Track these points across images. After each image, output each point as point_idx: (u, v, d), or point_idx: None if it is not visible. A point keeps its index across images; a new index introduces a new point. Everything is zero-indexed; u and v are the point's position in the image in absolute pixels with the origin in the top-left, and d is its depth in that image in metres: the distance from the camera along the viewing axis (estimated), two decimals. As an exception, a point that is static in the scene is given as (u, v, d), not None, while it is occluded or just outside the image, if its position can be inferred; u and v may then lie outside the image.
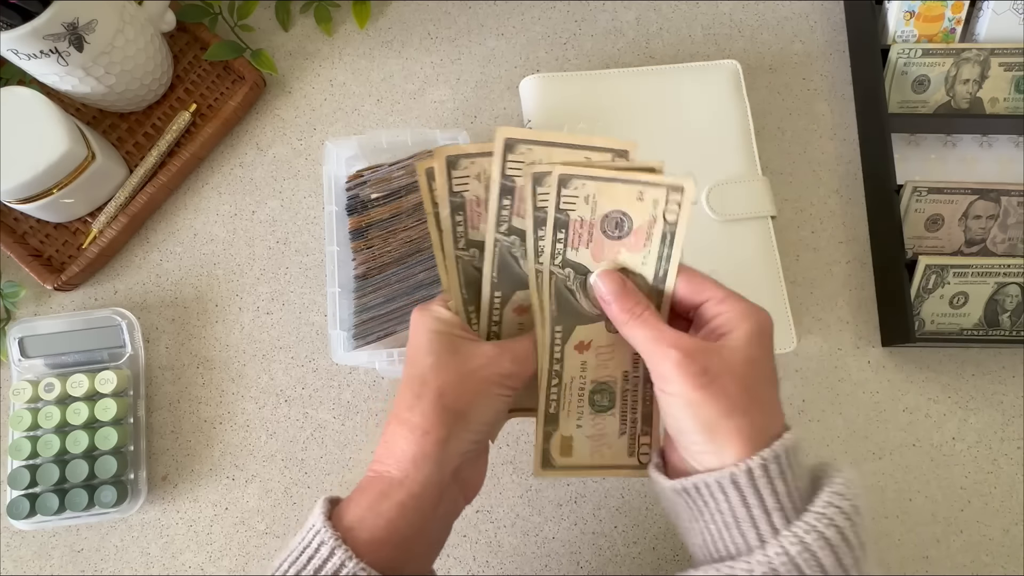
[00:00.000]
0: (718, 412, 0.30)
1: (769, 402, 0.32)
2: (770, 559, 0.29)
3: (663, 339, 0.32)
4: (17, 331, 0.52)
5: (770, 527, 0.29)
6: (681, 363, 0.31)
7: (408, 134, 0.51)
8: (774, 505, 0.30)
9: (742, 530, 0.30)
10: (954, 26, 0.58)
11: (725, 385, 0.30)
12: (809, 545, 0.28)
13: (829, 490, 0.30)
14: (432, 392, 0.33)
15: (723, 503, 0.30)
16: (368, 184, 0.51)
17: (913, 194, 0.54)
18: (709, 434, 0.31)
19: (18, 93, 0.49)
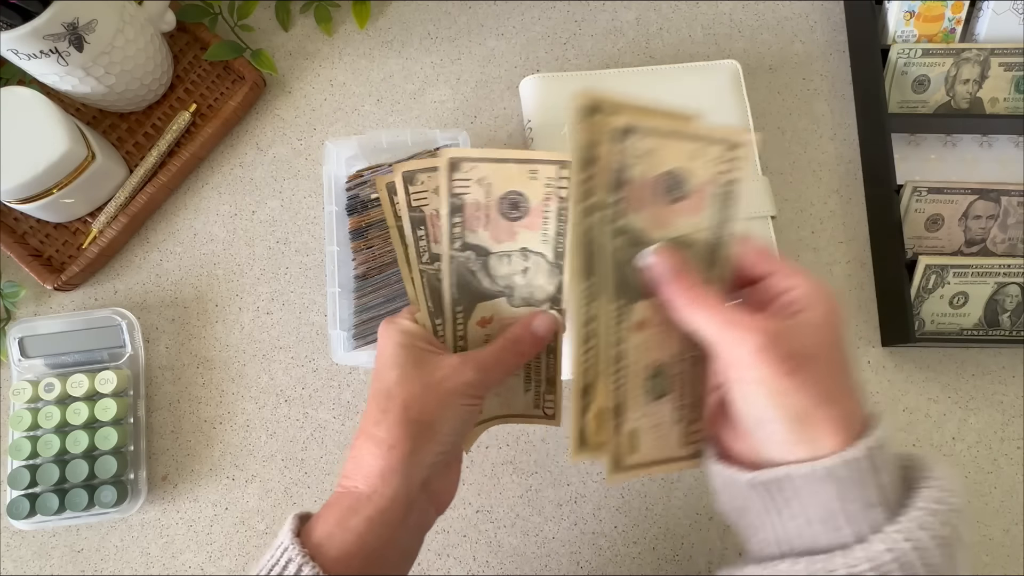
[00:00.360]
0: (810, 401, 0.27)
1: (855, 387, 0.29)
2: (877, 555, 0.26)
3: (737, 321, 0.28)
4: (17, 331, 0.52)
5: (869, 523, 0.27)
6: (765, 347, 0.27)
7: (408, 134, 0.51)
8: (878, 499, 0.27)
9: (837, 525, 0.27)
10: (954, 26, 0.58)
11: (816, 370, 0.28)
12: (922, 543, 0.26)
13: (935, 485, 0.28)
14: (397, 406, 0.33)
15: (814, 496, 0.28)
16: (368, 184, 0.51)
17: (913, 194, 0.54)
18: (799, 424, 0.28)
19: (18, 93, 0.49)
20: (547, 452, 0.53)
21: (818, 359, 0.28)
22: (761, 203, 0.54)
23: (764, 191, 0.54)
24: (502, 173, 0.35)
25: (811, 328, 0.29)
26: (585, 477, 0.52)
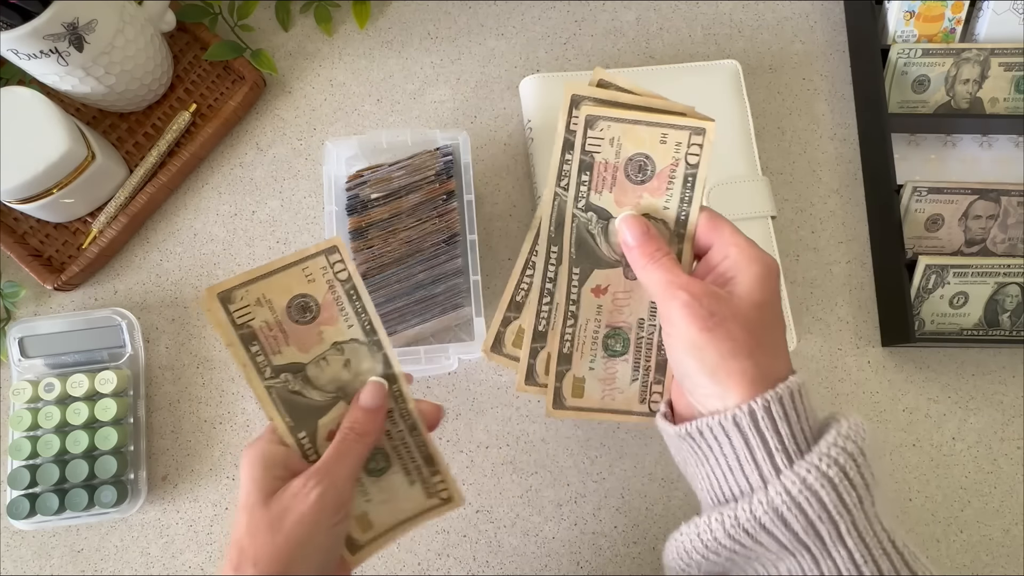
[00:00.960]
0: (722, 354, 0.31)
1: (775, 345, 0.33)
2: (771, 498, 0.29)
3: (675, 282, 0.33)
4: (17, 331, 0.52)
5: (772, 468, 0.29)
6: (688, 304, 0.31)
7: (408, 134, 0.51)
8: (777, 446, 0.30)
9: (745, 472, 0.30)
10: (954, 26, 0.58)
11: (730, 328, 0.31)
12: (811, 484, 0.28)
13: (834, 432, 0.30)
14: (248, 562, 0.31)
15: (727, 445, 0.31)
16: (368, 184, 0.51)
17: (913, 194, 0.54)
18: (712, 376, 0.31)
19: (18, 93, 0.49)
20: (547, 452, 0.53)
21: (736, 317, 0.31)
22: (761, 203, 0.54)
23: (764, 191, 0.54)
24: (633, 134, 0.35)
25: (736, 292, 0.32)
26: (585, 477, 0.52)
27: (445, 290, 0.50)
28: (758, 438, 0.30)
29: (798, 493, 0.28)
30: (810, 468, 0.29)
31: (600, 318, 0.37)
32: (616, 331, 0.37)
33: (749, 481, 0.30)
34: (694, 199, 0.36)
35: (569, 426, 0.53)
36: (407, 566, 0.51)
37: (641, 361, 0.38)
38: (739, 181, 0.54)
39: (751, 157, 0.55)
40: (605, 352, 0.37)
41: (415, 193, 0.50)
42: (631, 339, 0.37)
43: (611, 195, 0.36)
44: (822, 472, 0.28)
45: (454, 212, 0.50)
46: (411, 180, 0.51)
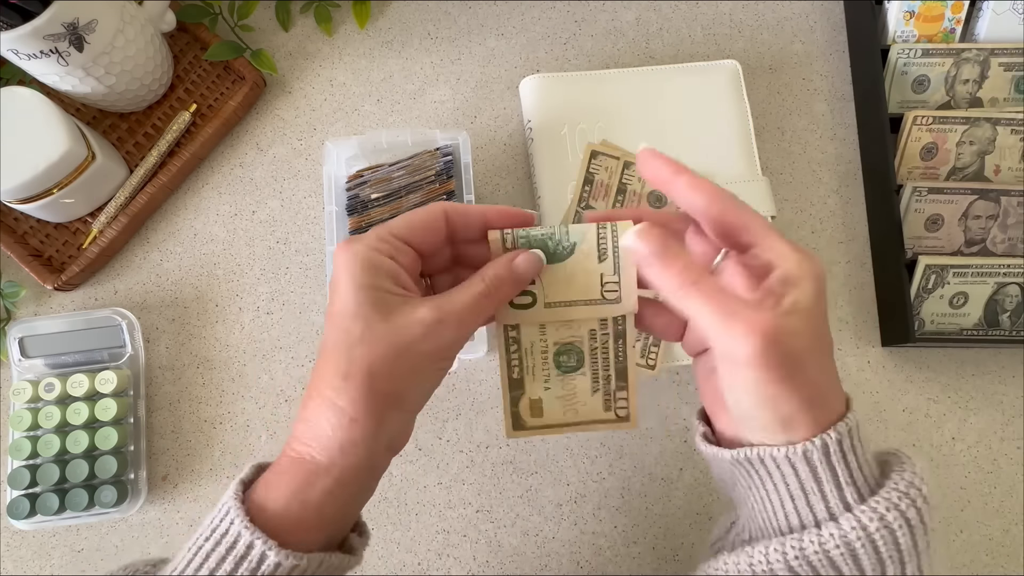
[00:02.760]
0: (800, 406, 0.28)
1: (835, 378, 0.29)
2: (844, 533, 0.27)
3: (736, 317, 0.27)
4: (17, 331, 0.52)
5: (841, 501, 0.28)
6: (763, 352, 0.26)
7: (408, 134, 0.51)
8: (847, 480, 0.28)
9: (810, 503, 0.28)
10: (954, 26, 0.58)
11: (806, 372, 0.27)
12: (889, 523, 0.27)
13: (909, 471, 0.28)
14: (361, 373, 0.28)
15: (790, 476, 0.29)
16: (368, 184, 0.51)
17: (913, 194, 0.54)
18: (783, 425, 0.28)
19: (18, 93, 0.49)
20: (547, 452, 0.53)
21: (809, 359, 0.28)
22: (761, 203, 0.54)
23: (764, 191, 0.54)
24: None
25: (799, 317, 0.28)
26: (585, 477, 0.52)
27: None
28: (828, 472, 0.28)
29: (876, 530, 0.27)
30: (889, 506, 0.27)
31: (545, 338, 0.35)
32: (567, 347, 0.35)
33: (814, 512, 0.28)
34: None
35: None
36: (407, 566, 0.51)
37: (599, 371, 0.36)
38: (739, 181, 0.54)
39: (751, 157, 0.55)
40: (559, 370, 0.35)
41: (415, 193, 0.51)
42: (585, 352, 0.35)
43: None
44: (901, 512, 0.27)
45: None
46: (411, 180, 0.51)
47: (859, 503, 0.28)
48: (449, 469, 0.53)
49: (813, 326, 0.28)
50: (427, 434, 0.53)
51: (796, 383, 0.27)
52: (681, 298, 0.29)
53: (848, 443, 0.28)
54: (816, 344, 0.28)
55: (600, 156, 0.54)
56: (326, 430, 0.29)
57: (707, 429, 0.33)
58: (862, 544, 0.27)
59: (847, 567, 0.27)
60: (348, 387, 0.28)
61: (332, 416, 0.29)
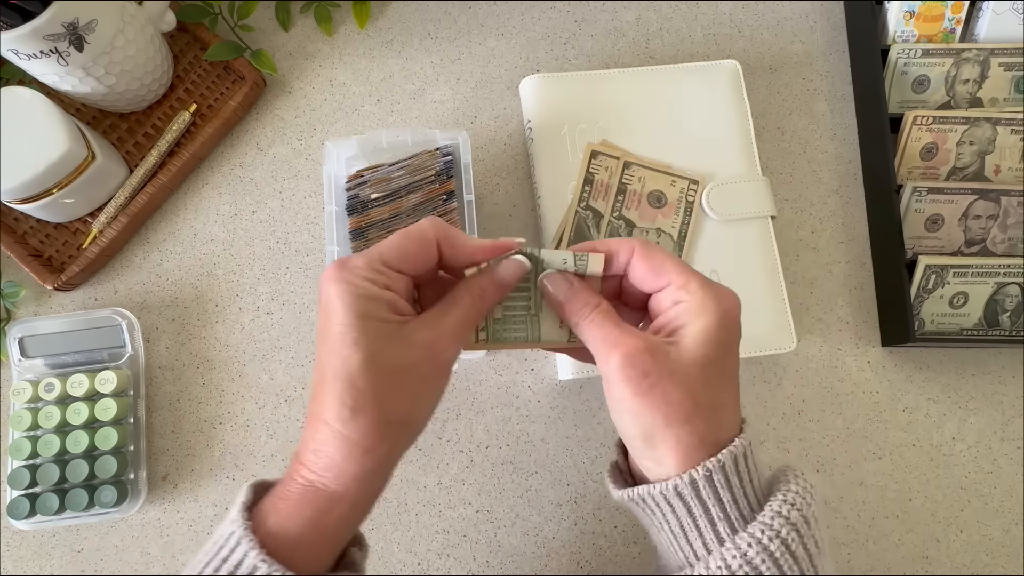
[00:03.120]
0: (656, 420, 0.29)
1: (718, 406, 0.30)
2: (711, 571, 0.28)
3: (608, 339, 0.30)
4: (17, 331, 0.52)
5: (715, 538, 0.29)
6: (622, 366, 0.29)
7: (408, 134, 0.51)
8: (719, 515, 0.29)
9: (689, 540, 0.29)
10: (954, 26, 0.58)
11: (666, 391, 0.29)
12: (751, 559, 0.27)
13: (778, 500, 0.29)
14: (369, 405, 0.28)
15: (669, 513, 0.30)
16: (368, 184, 0.51)
17: (913, 194, 0.54)
18: (648, 442, 0.29)
19: (18, 93, 0.48)
20: (547, 452, 0.53)
21: (673, 377, 0.29)
22: (761, 203, 0.54)
23: (764, 191, 0.54)
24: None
25: (678, 347, 0.29)
26: (585, 477, 0.52)
27: None
28: (700, 508, 0.29)
29: (738, 568, 0.27)
30: (751, 542, 0.28)
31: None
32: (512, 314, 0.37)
33: (694, 550, 0.29)
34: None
35: (569, 426, 0.53)
36: (407, 566, 0.51)
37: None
38: (739, 181, 0.54)
39: (751, 157, 0.55)
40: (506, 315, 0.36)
41: (415, 193, 0.51)
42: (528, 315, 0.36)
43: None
44: (763, 546, 0.27)
45: (454, 212, 0.50)
46: (411, 180, 0.51)
47: (730, 539, 0.28)
48: (449, 469, 0.53)
49: (691, 358, 0.29)
50: (427, 434, 0.53)
51: (653, 399, 0.29)
52: (579, 330, 0.32)
53: (721, 478, 0.29)
54: (692, 372, 0.29)
55: (600, 156, 0.54)
56: (338, 461, 0.28)
57: (622, 459, 0.35)
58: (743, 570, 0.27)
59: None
60: (357, 420, 0.28)
61: (344, 447, 0.28)
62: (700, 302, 0.30)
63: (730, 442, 0.29)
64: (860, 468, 0.53)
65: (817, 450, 0.53)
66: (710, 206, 0.53)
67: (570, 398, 0.54)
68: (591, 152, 0.54)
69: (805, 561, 0.28)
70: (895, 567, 0.52)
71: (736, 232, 0.54)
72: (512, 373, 0.54)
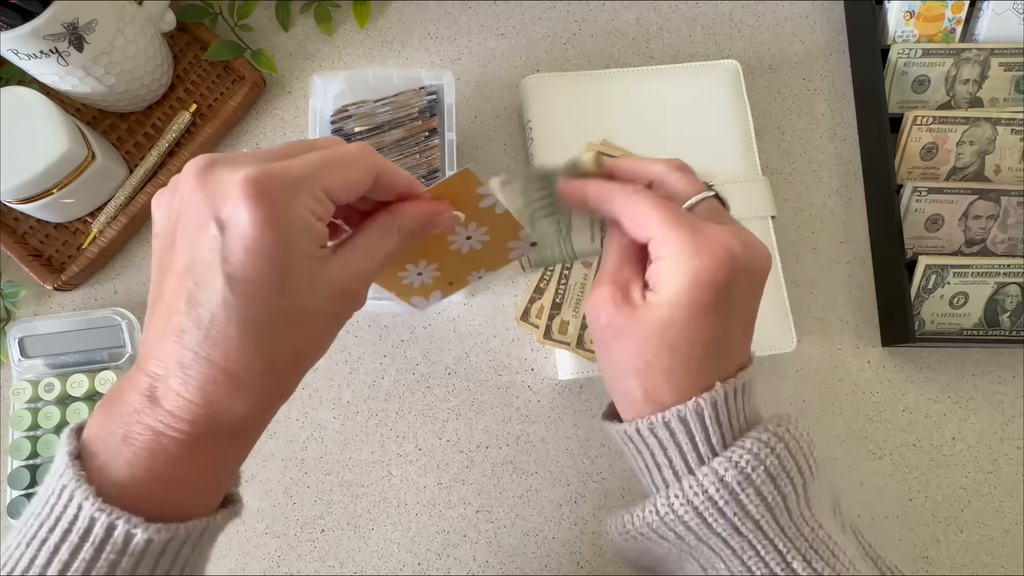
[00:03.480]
0: (610, 371, 0.31)
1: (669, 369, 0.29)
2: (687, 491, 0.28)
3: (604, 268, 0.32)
4: (17, 331, 0.52)
5: (697, 465, 0.29)
6: (588, 312, 0.31)
7: (394, 72, 0.51)
8: (710, 445, 0.29)
9: (675, 469, 0.30)
10: (954, 26, 0.58)
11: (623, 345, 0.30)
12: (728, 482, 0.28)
13: (760, 430, 0.29)
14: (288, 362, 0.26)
15: (658, 444, 0.30)
16: (353, 119, 0.51)
17: (913, 194, 0.54)
18: (608, 386, 0.32)
19: (18, 93, 0.49)
20: (547, 452, 0.53)
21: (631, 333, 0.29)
22: (761, 203, 0.54)
23: (764, 191, 0.54)
24: None
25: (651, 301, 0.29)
26: (585, 477, 0.52)
27: None
28: (690, 438, 0.29)
29: (715, 492, 0.28)
30: (731, 464, 0.28)
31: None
32: None
33: (676, 477, 0.30)
34: None
35: (569, 426, 0.53)
36: (407, 566, 0.51)
37: None
38: (739, 181, 0.54)
39: (751, 157, 0.55)
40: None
41: (398, 129, 0.51)
42: None
43: None
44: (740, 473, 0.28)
45: (435, 149, 0.51)
46: (394, 116, 0.52)
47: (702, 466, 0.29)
48: (449, 469, 0.53)
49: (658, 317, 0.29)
50: (427, 434, 0.53)
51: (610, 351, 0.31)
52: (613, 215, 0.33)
53: (722, 410, 0.29)
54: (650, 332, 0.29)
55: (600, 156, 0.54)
56: (240, 411, 0.25)
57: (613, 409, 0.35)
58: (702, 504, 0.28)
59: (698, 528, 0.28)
60: (272, 375, 0.25)
61: (248, 399, 0.25)
62: (674, 259, 0.29)
63: (683, 401, 0.29)
64: (860, 468, 0.53)
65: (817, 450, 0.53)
66: (710, 206, 0.53)
67: (570, 398, 0.54)
68: None
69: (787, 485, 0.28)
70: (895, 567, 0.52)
71: (736, 232, 0.54)
72: (512, 373, 0.54)
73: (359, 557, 0.51)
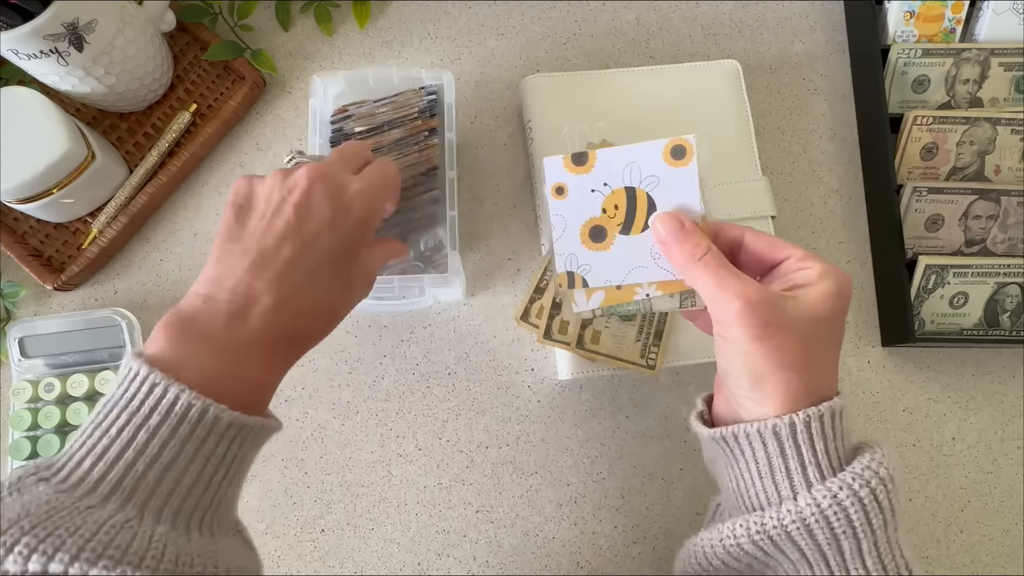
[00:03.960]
0: (770, 365, 0.31)
1: (825, 363, 0.32)
2: (800, 509, 0.29)
3: (726, 285, 0.32)
4: (17, 331, 0.52)
5: (804, 480, 0.30)
6: (742, 312, 0.31)
7: (394, 72, 0.51)
8: (811, 460, 0.30)
9: (776, 480, 0.31)
10: (954, 26, 0.58)
11: (784, 339, 0.30)
12: (841, 500, 0.29)
13: (868, 455, 0.30)
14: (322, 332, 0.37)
15: (760, 451, 0.31)
16: (353, 119, 0.51)
17: (913, 194, 0.54)
18: (758, 384, 0.31)
19: (18, 93, 0.49)
20: (547, 452, 0.53)
21: (791, 329, 0.31)
22: (761, 203, 0.54)
23: (764, 191, 0.54)
24: None
25: (798, 302, 0.31)
26: (585, 477, 0.52)
27: (422, 216, 0.50)
28: (794, 450, 0.30)
29: (828, 507, 0.29)
30: (842, 485, 0.29)
31: None
32: None
33: (779, 490, 0.31)
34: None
35: (569, 426, 0.53)
36: (407, 566, 0.51)
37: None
38: (739, 181, 0.54)
39: (751, 157, 0.55)
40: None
41: (398, 129, 0.51)
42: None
43: None
44: (854, 491, 0.29)
45: (435, 148, 0.51)
46: (394, 116, 0.51)
47: (820, 483, 0.30)
48: (449, 469, 0.53)
49: (809, 313, 0.31)
50: (427, 434, 0.53)
51: (770, 344, 0.30)
52: (689, 273, 0.34)
53: (818, 426, 0.30)
54: (804, 326, 0.31)
55: None
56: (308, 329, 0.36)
57: (705, 409, 0.37)
58: (816, 520, 0.29)
59: (804, 542, 0.29)
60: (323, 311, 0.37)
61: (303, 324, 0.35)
62: (822, 270, 0.32)
63: (829, 398, 0.31)
64: (860, 468, 0.53)
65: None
66: (710, 206, 0.53)
67: (570, 398, 0.54)
68: None
69: (889, 513, 0.29)
70: (895, 567, 0.52)
71: (736, 232, 0.54)
72: (512, 373, 0.54)
73: (359, 557, 0.51)
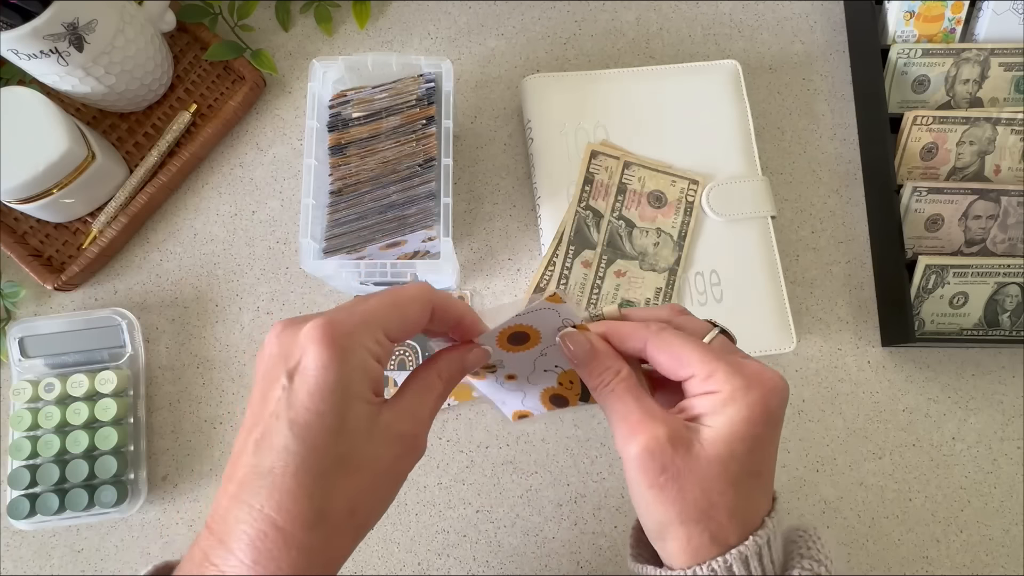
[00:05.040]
0: (669, 516, 0.28)
1: (741, 503, 0.28)
2: None
3: (628, 419, 0.29)
4: (17, 331, 0.52)
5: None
6: (640, 455, 0.28)
7: (393, 59, 0.51)
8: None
9: None
10: (954, 26, 0.58)
11: (683, 489, 0.28)
12: None
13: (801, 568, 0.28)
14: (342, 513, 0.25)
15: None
16: (351, 104, 0.52)
17: (913, 194, 0.54)
18: (660, 532, 0.29)
19: (18, 93, 0.49)
20: (547, 452, 0.53)
21: (691, 476, 0.28)
22: (761, 203, 0.54)
23: (764, 191, 0.54)
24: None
25: (703, 442, 0.28)
26: (585, 477, 0.52)
27: (417, 212, 0.50)
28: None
29: None
30: None
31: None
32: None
33: None
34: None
35: (569, 426, 0.53)
36: (407, 566, 0.51)
37: None
38: (739, 181, 0.54)
39: (751, 157, 0.55)
40: None
41: (395, 116, 0.51)
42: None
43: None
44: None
45: (432, 137, 0.51)
46: (392, 103, 0.52)
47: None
48: (449, 469, 0.53)
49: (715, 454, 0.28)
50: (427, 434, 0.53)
51: (667, 495, 0.28)
52: (599, 398, 0.31)
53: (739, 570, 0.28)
54: (711, 470, 0.28)
55: (600, 156, 0.54)
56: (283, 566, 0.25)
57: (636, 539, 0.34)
58: None
59: None
60: (324, 528, 0.25)
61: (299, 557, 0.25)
62: (729, 394, 0.28)
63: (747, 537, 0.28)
64: (860, 468, 0.53)
65: (817, 450, 0.53)
66: (710, 206, 0.53)
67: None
68: (591, 152, 0.54)
69: None
70: (895, 567, 0.52)
71: (736, 232, 0.54)
72: (512, 373, 0.54)
73: (359, 557, 0.51)
